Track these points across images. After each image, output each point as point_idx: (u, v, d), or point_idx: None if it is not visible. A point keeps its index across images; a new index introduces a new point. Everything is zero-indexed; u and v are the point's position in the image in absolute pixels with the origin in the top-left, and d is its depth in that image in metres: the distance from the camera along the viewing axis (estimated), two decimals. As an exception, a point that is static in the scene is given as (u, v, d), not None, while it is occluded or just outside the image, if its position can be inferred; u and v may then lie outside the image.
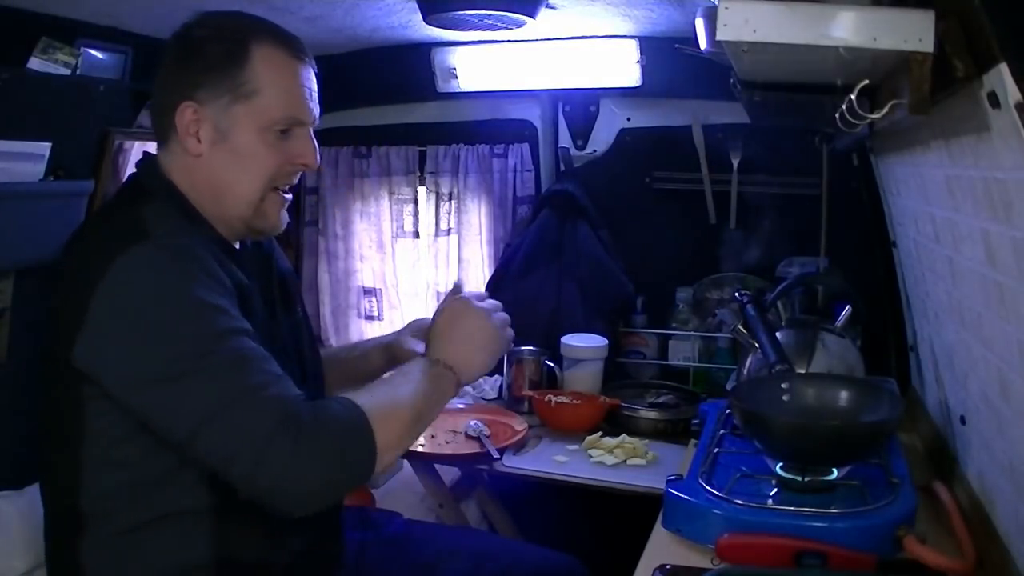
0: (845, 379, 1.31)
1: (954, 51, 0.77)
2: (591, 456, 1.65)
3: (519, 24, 1.57)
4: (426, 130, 2.30)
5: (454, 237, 2.32)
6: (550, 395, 1.84)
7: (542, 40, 1.93)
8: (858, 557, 0.97)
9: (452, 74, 2.08)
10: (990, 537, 1.00)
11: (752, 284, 1.96)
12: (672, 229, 2.09)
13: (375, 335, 1.63)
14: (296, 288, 1.30)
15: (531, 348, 1.92)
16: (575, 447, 1.70)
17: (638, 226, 2.13)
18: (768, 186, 1.92)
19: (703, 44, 1.34)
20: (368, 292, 2.46)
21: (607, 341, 1.93)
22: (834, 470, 1.13)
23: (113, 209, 1.10)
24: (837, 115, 1.01)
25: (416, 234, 2.40)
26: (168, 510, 1.00)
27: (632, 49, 1.90)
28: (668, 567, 1.02)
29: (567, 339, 1.91)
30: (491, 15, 1.51)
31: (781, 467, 1.14)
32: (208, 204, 1.08)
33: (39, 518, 1.45)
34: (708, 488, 1.11)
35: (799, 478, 1.11)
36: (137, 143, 1.76)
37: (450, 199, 2.31)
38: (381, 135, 2.33)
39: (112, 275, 0.93)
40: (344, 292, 2.47)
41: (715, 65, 1.30)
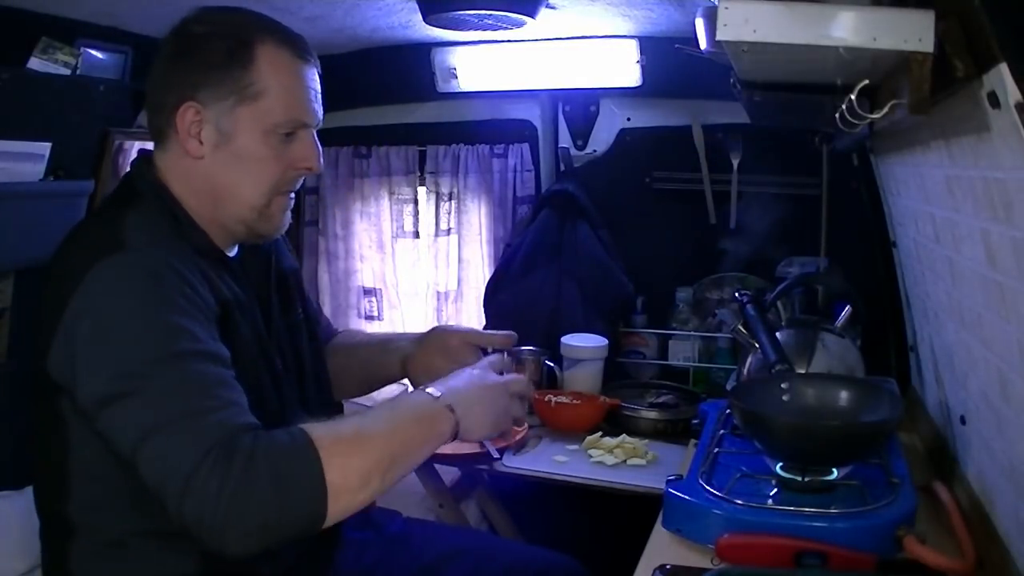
0: (845, 379, 1.31)
1: (954, 51, 0.77)
2: (591, 456, 1.65)
3: (519, 24, 1.57)
4: (426, 130, 2.30)
5: (454, 237, 2.32)
6: (550, 395, 1.83)
7: (542, 40, 1.93)
8: (858, 557, 0.97)
9: (452, 74, 2.08)
10: (990, 537, 1.00)
11: (752, 284, 1.96)
12: (672, 229, 2.09)
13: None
14: (297, 288, 1.27)
15: (531, 348, 1.92)
16: (575, 447, 1.70)
17: (638, 226, 2.13)
18: (768, 186, 1.91)
19: (703, 44, 1.34)
20: (368, 292, 2.46)
21: (607, 341, 1.93)
22: (834, 470, 1.13)
23: (100, 213, 1.09)
24: (837, 115, 1.01)
25: (416, 234, 2.40)
26: (154, 523, 0.97)
27: (632, 49, 1.90)
28: (668, 567, 1.02)
29: (567, 339, 1.91)
30: (491, 15, 1.51)
31: (781, 467, 1.14)
32: (205, 208, 1.05)
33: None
34: (708, 488, 1.11)
35: (799, 478, 1.11)
36: (137, 143, 1.76)
37: (450, 199, 2.31)
38: (381, 135, 2.33)
39: (84, 285, 0.91)
40: (344, 292, 2.47)
41: (715, 65, 1.30)
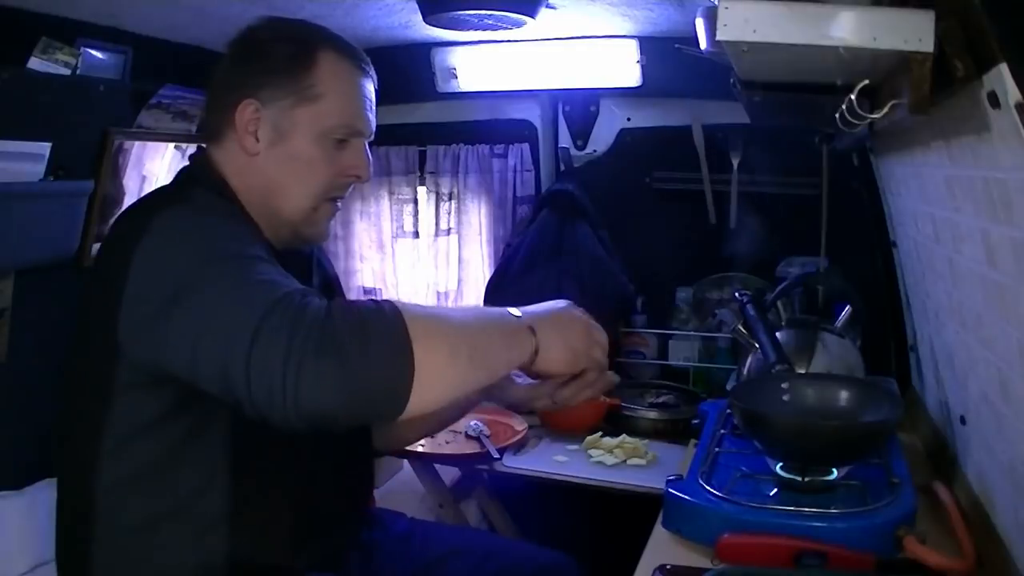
0: (845, 379, 1.31)
1: (954, 51, 0.77)
2: (591, 456, 1.65)
3: (519, 24, 1.57)
4: (426, 130, 2.30)
5: (454, 237, 2.33)
6: (550, 395, 1.83)
7: (542, 40, 1.93)
8: (858, 557, 0.97)
9: (452, 74, 2.08)
10: (990, 537, 1.00)
11: (752, 284, 1.96)
12: (672, 229, 2.09)
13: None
14: (339, 296, 1.27)
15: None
16: (575, 447, 1.70)
17: (638, 226, 2.13)
18: (768, 186, 1.92)
19: (703, 44, 1.34)
20: (368, 292, 2.46)
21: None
22: (834, 470, 1.13)
23: (159, 190, 1.11)
24: (837, 115, 1.01)
25: (416, 234, 2.40)
26: (182, 506, 0.98)
27: (632, 49, 1.90)
28: (668, 567, 1.02)
29: (567, 339, 1.91)
30: (491, 15, 1.51)
31: (781, 467, 1.14)
32: (257, 206, 1.07)
33: (39, 518, 1.46)
34: (708, 488, 1.11)
35: (799, 478, 1.11)
36: (137, 143, 1.76)
37: (450, 199, 2.31)
38: (381, 135, 2.30)
39: (147, 237, 0.91)
40: (344, 292, 2.47)
41: (715, 65, 1.30)
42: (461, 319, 0.91)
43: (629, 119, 2.12)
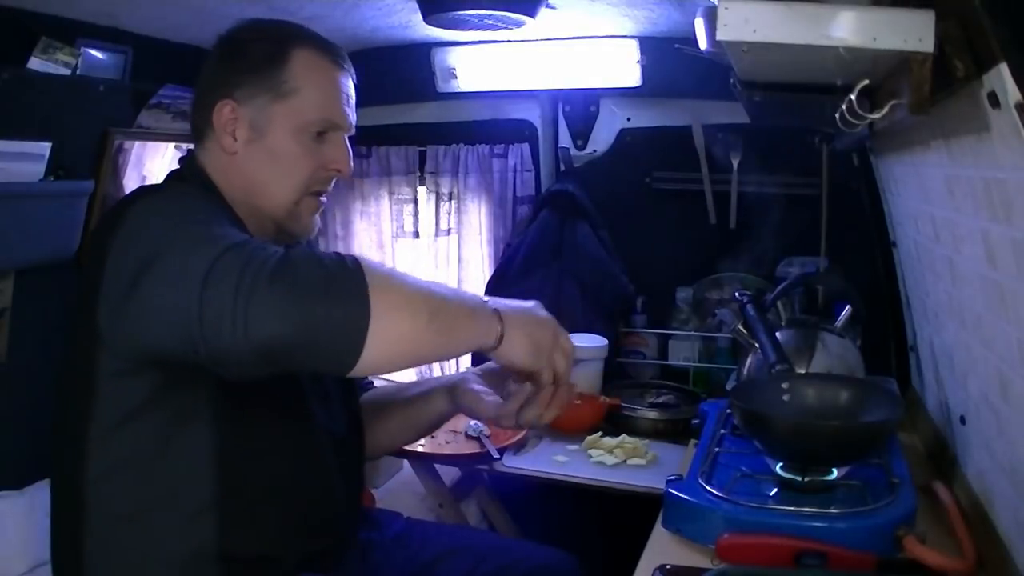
0: (845, 379, 1.31)
1: (954, 51, 0.77)
2: (591, 456, 1.65)
3: (519, 24, 1.57)
4: (426, 130, 2.30)
5: (454, 237, 2.32)
6: (550, 395, 1.83)
7: (542, 40, 1.93)
8: (858, 557, 0.97)
9: (452, 74, 2.08)
10: (990, 537, 1.00)
11: (752, 284, 1.96)
12: (672, 229, 2.09)
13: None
14: None
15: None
16: (575, 447, 1.70)
17: (638, 226, 2.13)
18: (768, 186, 1.91)
19: (703, 44, 1.34)
20: (368, 292, 2.46)
21: (607, 341, 1.93)
22: (834, 470, 1.13)
23: (142, 187, 1.13)
24: (837, 115, 1.01)
25: (416, 234, 2.39)
26: (169, 495, 0.98)
27: (632, 49, 1.90)
28: (668, 567, 1.02)
29: (567, 339, 1.91)
30: (491, 15, 1.51)
31: (781, 467, 1.14)
32: (242, 204, 1.09)
33: (39, 518, 1.46)
34: (708, 488, 1.11)
35: (799, 478, 1.11)
36: (137, 143, 1.76)
37: (450, 199, 2.31)
38: (381, 135, 2.33)
39: (121, 226, 0.93)
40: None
41: (715, 65, 1.30)
42: (427, 284, 0.89)
43: (629, 119, 2.12)
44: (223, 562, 1.01)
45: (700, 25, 1.35)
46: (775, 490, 1.13)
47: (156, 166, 1.83)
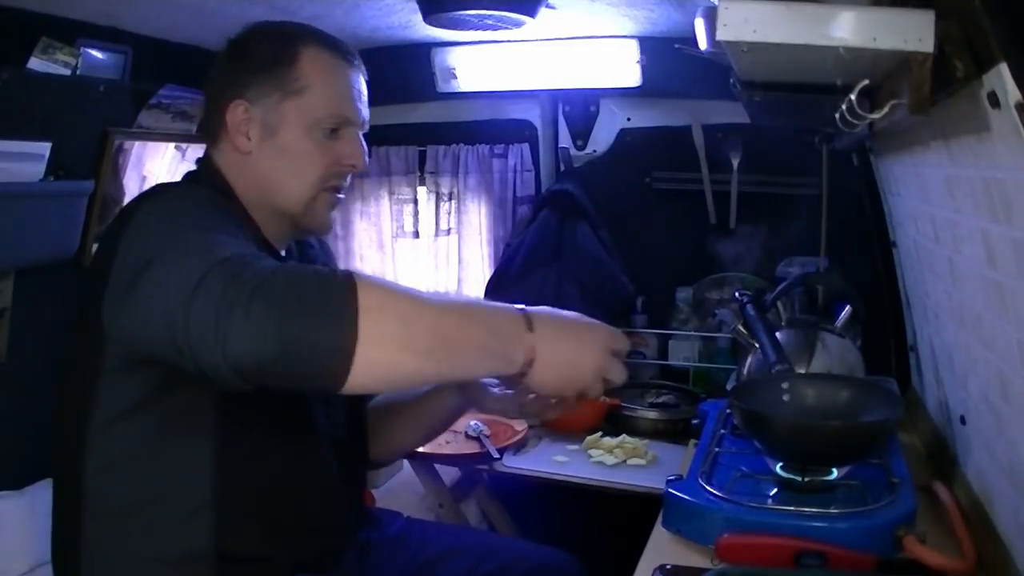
0: (845, 379, 1.31)
1: (954, 51, 0.77)
2: (591, 456, 1.65)
3: (519, 24, 1.57)
4: (426, 130, 2.30)
5: (454, 237, 2.33)
6: (550, 395, 1.83)
7: (542, 40, 1.93)
8: (858, 557, 0.97)
9: (452, 74, 2.08)
10: (990, 537, 1.00)
11: (752, 284, 1.96)
12: (672, 229, 2.09)
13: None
14: None
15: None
16: (575, 447, 1.70)
17: (638, 226, 2.13)
18: (768, 186, 1.92)
19: (703, 44, 1.34)
20: (368, 292, 2.46)
21: (607, 341, 1.92)
22: (834, 470, 1.13)
23: (156, 186, 1.12)
24: (837, 115, 1.01)
25: (416, 234, 2.40)
26: (166, 492, 0.99)
27: (632, 49, 1.90)
28: (668, 567, 1.02)
29: (567, 339, 1.91)
30: (491, 15, 1.51)
31: (781, 467, 1.14)
32: (257, 204, 1.10)
33: (39, 518, 1.46)
34: (708, 488, 1.11)
35: (799, 478, 1.11)
36: (137, 143, 1.76)
37: (450, 199, 2.31)
38: (381, 135, 2.33)
39: (131, 225, 0.94)
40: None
41: (715, 65, 1.30)
42: (436, 303, 0.84)
43: (629, 119, 2.12)
44: (219, 561, 1.01)
45: (700, 25, 1.35)
46: (775, 490, 1.13)
47: (156, 166, 1.83)
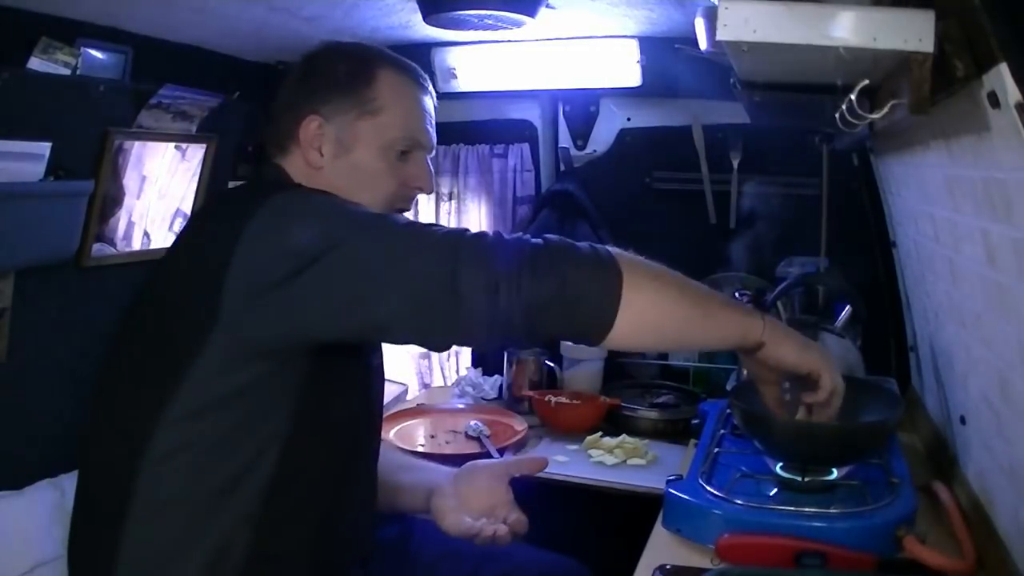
0: (845, 379, 1.31)
1: (954, 51, 0.77)
2: (591, 456, 1.65)
3: (519, 24, 1.57)
4: (426, 130, 2.30)
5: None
6: (550, 395, 1.84)
7: (542, 40, 1.93)
8: (858, 557, 0.97)
9: (452, 74, 2.08)
10: (990, 537, 1.00)
11: (752, 284, 1.96)
12: (672, 229, 2.09)
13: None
14: None
15: (531, 348, 1.92)
16: (575, 447, 1.70)
17: (638, 226, 2.13)
18: (768, 186, 1.92)
19: (703, 44, 1.34)
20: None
21: (607, 341, 1.92)
22: (834, 470, 1.13)
23: (246, 188, 1.14)
24: (837, 115, 1.02)
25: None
26: (226, 487, 0.98)
27: (632, 49, 1.90)
28: (668, 567, 1.02)
29: (567, 339, 1.91)
30: (491, 15, 1.51)
31: (781, 467, 1.15)
32: None
33: (39, 518, 1.46)
34: (708, 488, 1.11)
35: (799, 478, 1.11)
36: (137, 143, 1.76)
37: (450, 199, 2.31)
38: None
39: (260, 213, 0.94)
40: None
41: (715, 65, 1.31)
42: (677, 273, 0.99)
43: (629, 119, 2.12)
44: (253, 558, 1.00)
45: (700, 25, 1.35)
46: (775, 490, 1.13)
47: (156, 166, 1.83)
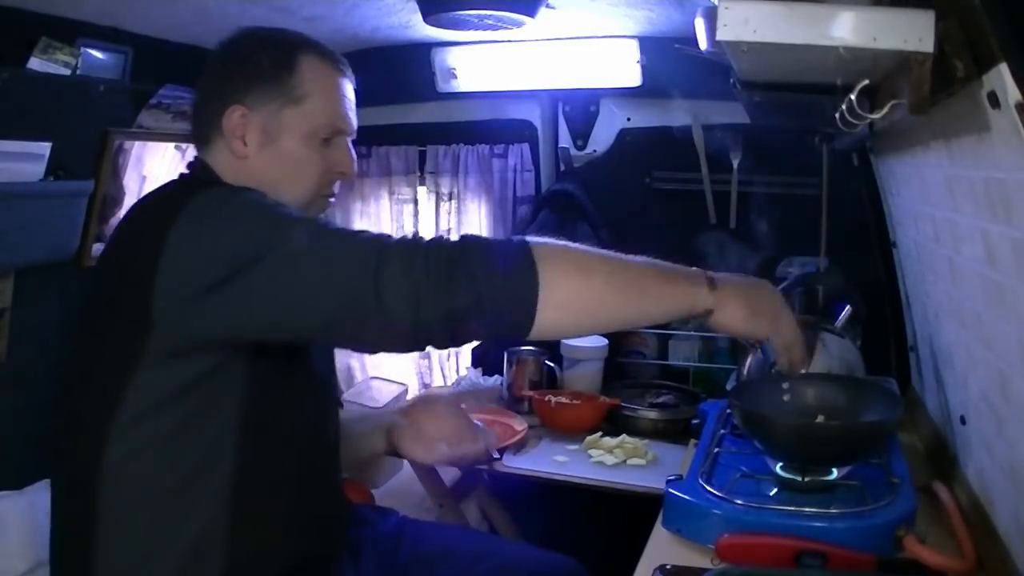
0: (845, 379, 1.31)
1: (954, 51, 0.77)
2: (591, 456, 1.65)
3: (519, 24, 1.57)
4: (426, 130, 2.30)
5: (454, 237, 2.32)
6: (550, 395, 1.83)
7: (542, 40, 1.93)
8: (858, 557, 0.97)
9: (452, 74, 2.08)
10: (990, 537, 1.00)
11: (752, 284, 1.95)
12: (672, 229, 2.09)
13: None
14: None
15: (531, 348, 1.92)
16: (575, 447, 1.70)
17: (638, 226, 2.13)
18: (768, 186, 1.92)
19: (703, 44, 1.34)
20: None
21: (607, 341, 1.93)
22: (834, 470, 1.13)
23: (168, 188, 1.12)
24: (837, 115, 1.01)
25: (416, 234, 2.39)
26: (192, 479, 0.99)
27: (632, 49, 1.90)
28: (668, 567, 1.02)
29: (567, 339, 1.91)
30: (491, 15, 1.51)
31: (781, 467, 1.14)
32: None
33: (39, 518, 1.46)
34: (708, 488, 1.11)
35: (799, 478, 1.11)
36: (137, 143, 1.76)
37: (450, 199, 2.31)
38: (381, 135, 2.33)
39: (184, 216, 0.94)
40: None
41: (715, 65, 1.30)
42: (609, 253, 0.98)
43: (629, 119, 2.12)
44: (230, 551, 1.01)
45: (700, 25, 1.35)
46: (775, 490, 1.13)
47: (156, 166, 1.83)
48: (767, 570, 0.98)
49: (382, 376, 2.26)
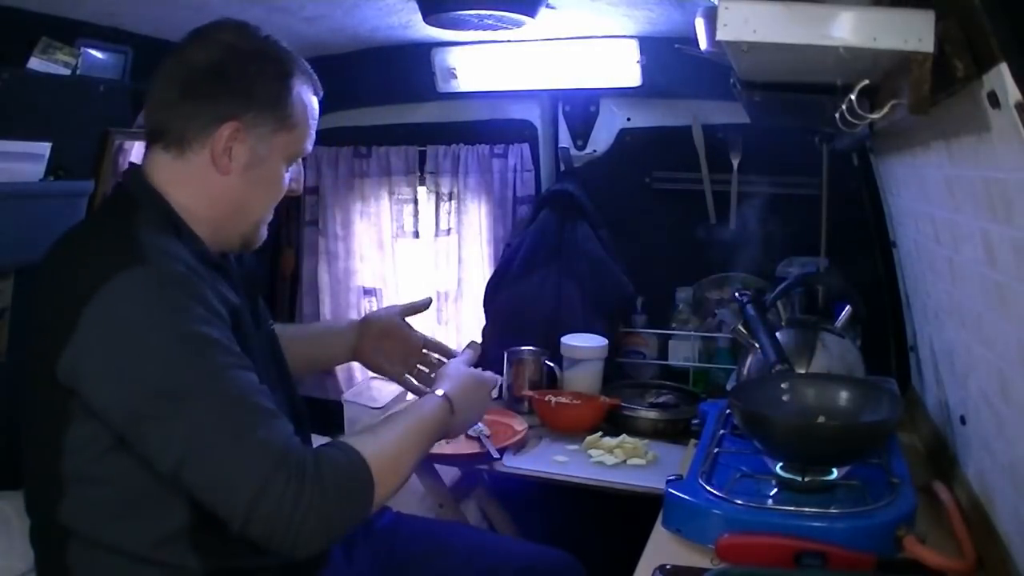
0: (845, 379, 1.31)
1: (954, 51, 0.77)
2: (591, 456, 1.65)
3: (519, 24, 1.57)
4: (426, 130, 2.30)
5: (454, 237, 2.32)
6: (550, 395, 1.83)
7: (542, 40, 1.93)
8: (858, 557, 0.97)
9: (452, 74, 2.08)
10: (990, 537, 1.00)
11: (752, 284, 1.96)
12: (672, 229, 2.09)
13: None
14: (258, 287, 1.32)
15: (531, 348, 1.92)
16: (575, 447, 1.70)
17: (638, 226, 2.13)
18: (768, 186, 1.92)
19: (703, 44, 1.34)
20: (368, 292, 2.46)
21: (607, 341, 1.93)
22: (834, 470, 1.13)
23: (104, 221, 1.09)
24: (837, 115, 1.02)
25: (416, 234, 2.40)
26: (152, 528, 0.98)
27: (632, 49, 1.90)
28: (668, 567, 1.02)
29: (567, 339, 1.91)
30: (491, 15, 1.51)
31: (781, 467, 1.14)
32: (208, 219, 1.08)
33: (39, 518, 1.45)
34: (708, 488, 1.11)
35: (799, 478, 1.11)
36: (137, 143, 1.76)
37: (450, 199, 2.31)
38: (381, 135, 2.33)
39: (102, 295, 0.91)
40: (344, 292, 2.47)
41: (715, 65, 1.30)
42: (411, 446, 1.11)
43: (629, 119, 2.12)
44: (215, 551, 1.00)
45: (700, 25, 1.35)
46: (775, 490, 1.13)
47: (156, 166, 1.83)
48: (767, 570, 0.98)
49: (382, 376, 2.25)
